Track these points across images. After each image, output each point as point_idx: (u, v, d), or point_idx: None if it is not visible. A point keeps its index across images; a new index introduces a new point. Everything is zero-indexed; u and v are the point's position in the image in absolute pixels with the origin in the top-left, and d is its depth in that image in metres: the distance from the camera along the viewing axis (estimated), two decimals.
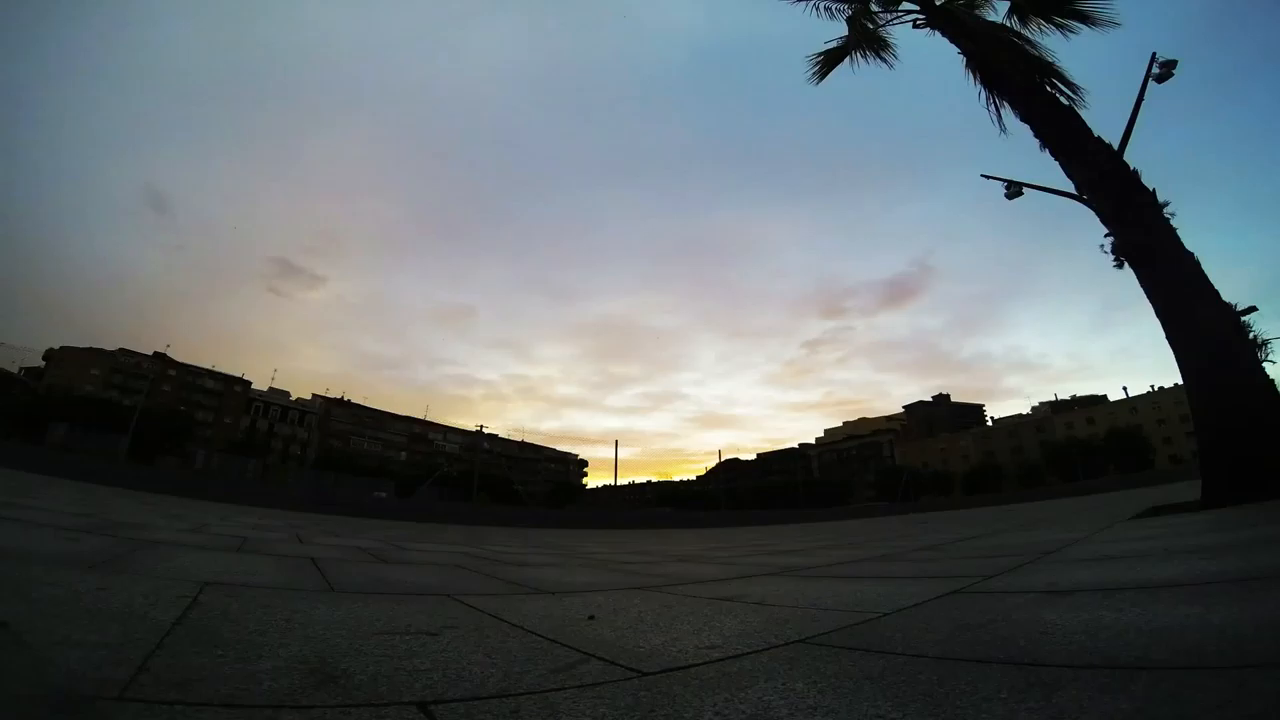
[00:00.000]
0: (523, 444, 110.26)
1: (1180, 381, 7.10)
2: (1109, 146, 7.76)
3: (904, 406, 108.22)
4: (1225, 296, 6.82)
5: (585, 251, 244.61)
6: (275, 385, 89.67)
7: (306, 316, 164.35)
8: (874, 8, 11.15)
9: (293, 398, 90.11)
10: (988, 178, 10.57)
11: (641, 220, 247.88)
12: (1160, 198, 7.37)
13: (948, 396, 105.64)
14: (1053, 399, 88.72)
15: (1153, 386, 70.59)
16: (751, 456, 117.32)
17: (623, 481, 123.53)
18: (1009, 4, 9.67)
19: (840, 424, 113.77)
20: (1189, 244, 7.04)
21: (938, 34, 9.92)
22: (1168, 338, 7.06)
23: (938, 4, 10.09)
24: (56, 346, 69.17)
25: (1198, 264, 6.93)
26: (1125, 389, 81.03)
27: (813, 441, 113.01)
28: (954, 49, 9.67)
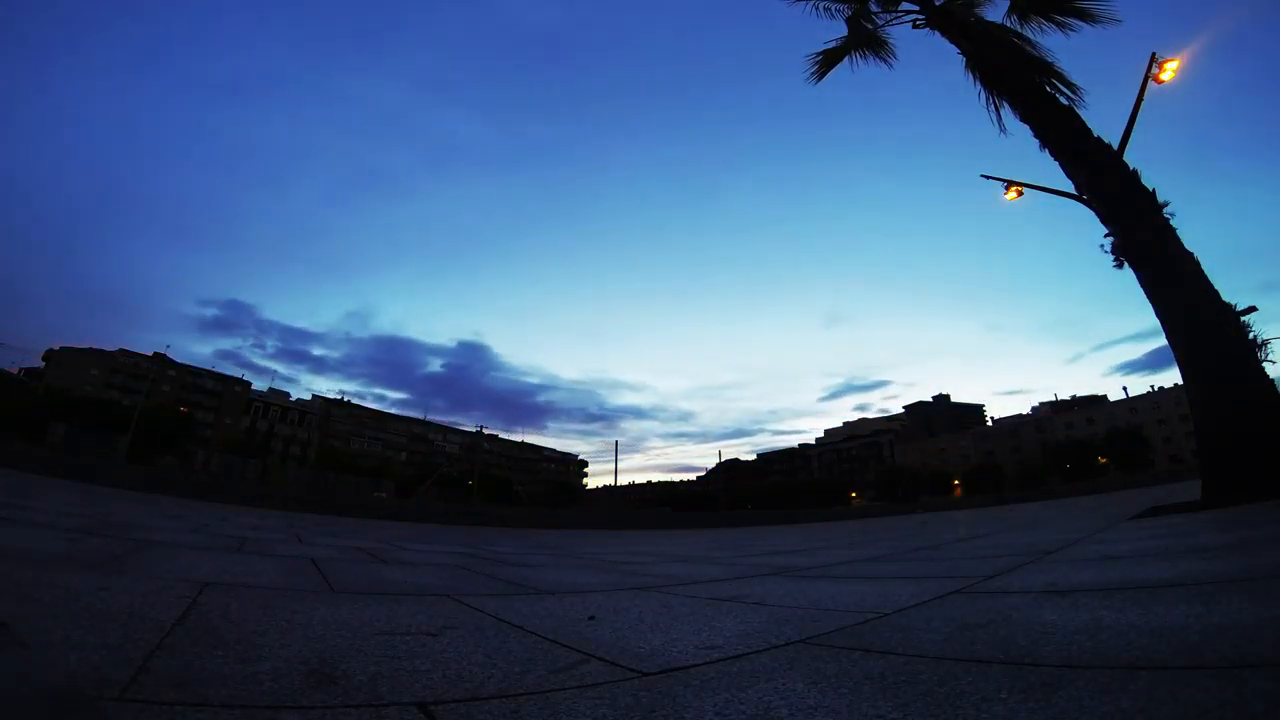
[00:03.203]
0: (522, 444, 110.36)
1: (1180, 381, 7.10)
2: (1109, 146, 7.76)
3: (904, 406, 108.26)
4: (1225, 296, 6.83)
5: None
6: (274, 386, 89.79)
7: None
8: (873, 8, 11.14)
9: (292, 398, 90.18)
10: (987, 178, 10.56)
11: None
12: (1160, 197, 7.37)
13: (948, 396, 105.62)
14: (1053, 399, 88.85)
15: (1153, 386, 70.83)
16: (752, 457, 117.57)
17: (623, 482, 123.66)
18: (1008, 3, 9.67)
19: (840, 424, 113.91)
20: (1188, 243, 7.05)
21: (938, 34, 9.92)
22: (1168, 338, 7.06)
23: (937, 4, 10.08)
24: (56, 347, 69.27)
25: (1198, 264, 6.93)
26: (1125, 389, 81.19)
27: (813, 441, 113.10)
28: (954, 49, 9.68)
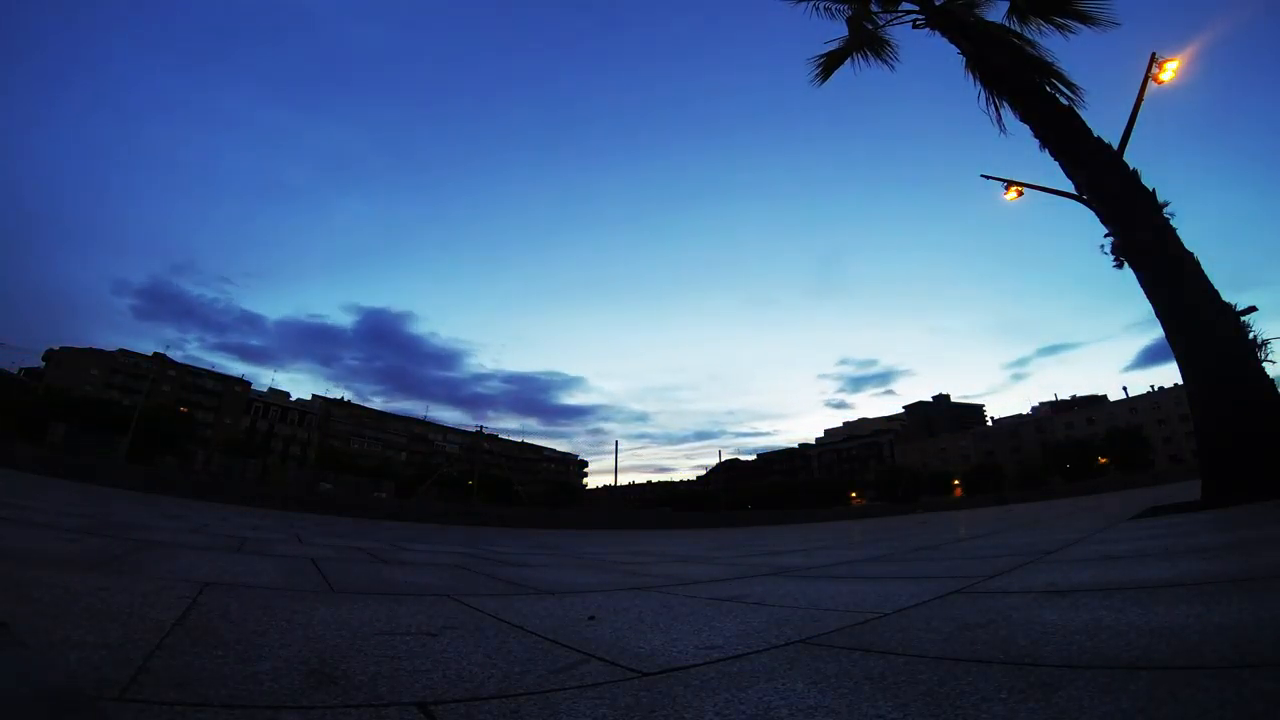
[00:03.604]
0: (522, 444, 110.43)
1: (1180, 381, 7.09)
2: (1109, 146, 7.75)
3: (904, 406, 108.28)
4: (1224, 295, 6.82)
5: None
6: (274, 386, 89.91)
7: None
8: (874, 8, 11.14)
9: (292, 398, 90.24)
10: (987, 178, 10.56)
11: None
12: (1160, 197, 7.37)
13: (948, 396, 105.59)
14: (1053, 399, 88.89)
15: (1153, 386, 70.91)
16: (752, 457, 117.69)
17: (623, 482, 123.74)
18: (1008, 4, 9.67)
19: (840, 424, 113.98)
20: (1188, 243, 7.05)
21: (938, 34, 9.92)
22: (1168, 338, 7.06)
23: (937, 4, 10.08)
24: (56, 347, 69.29)
25: (1198, 264, 6.93)
26: (1125, 389, 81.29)
27: (813, 441, 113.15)
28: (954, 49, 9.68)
